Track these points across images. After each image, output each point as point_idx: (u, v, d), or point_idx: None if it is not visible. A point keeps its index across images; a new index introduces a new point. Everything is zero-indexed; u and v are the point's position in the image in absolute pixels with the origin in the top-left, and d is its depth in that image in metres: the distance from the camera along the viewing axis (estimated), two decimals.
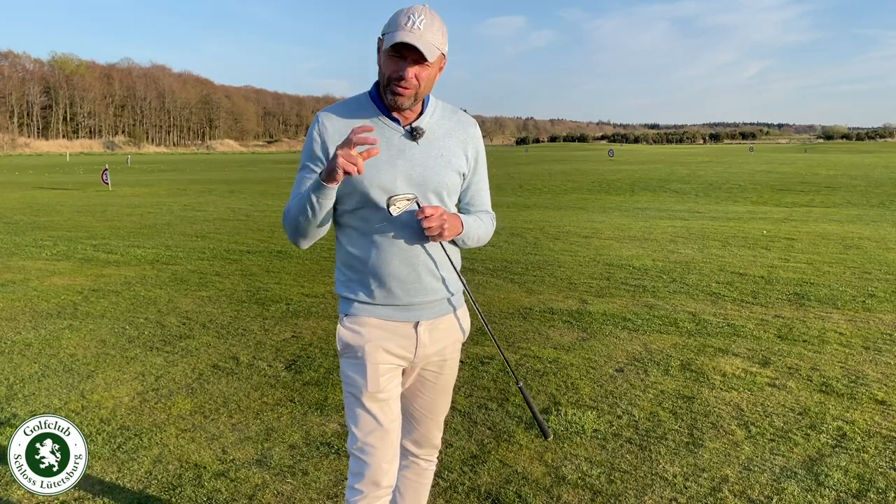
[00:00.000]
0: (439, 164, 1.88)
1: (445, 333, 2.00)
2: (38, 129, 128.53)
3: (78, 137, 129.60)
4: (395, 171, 1.82)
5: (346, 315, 1.94)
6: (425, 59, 1.72)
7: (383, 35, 1.78)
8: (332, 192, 1.74)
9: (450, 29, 1.85)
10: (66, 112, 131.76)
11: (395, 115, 1.85)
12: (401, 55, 1.74)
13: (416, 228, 1.83)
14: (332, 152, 1.82)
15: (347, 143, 1.65)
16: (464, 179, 1.96)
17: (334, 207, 1.87)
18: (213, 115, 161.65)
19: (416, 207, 1.80)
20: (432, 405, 2.09)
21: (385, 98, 1.83)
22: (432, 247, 1.89)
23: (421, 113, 1.88)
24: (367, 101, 1.89)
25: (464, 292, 2.07)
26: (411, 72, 1.74)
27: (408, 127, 1.86)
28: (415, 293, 1.89)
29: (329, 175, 1.69)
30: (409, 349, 1.94)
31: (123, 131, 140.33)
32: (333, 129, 1.85)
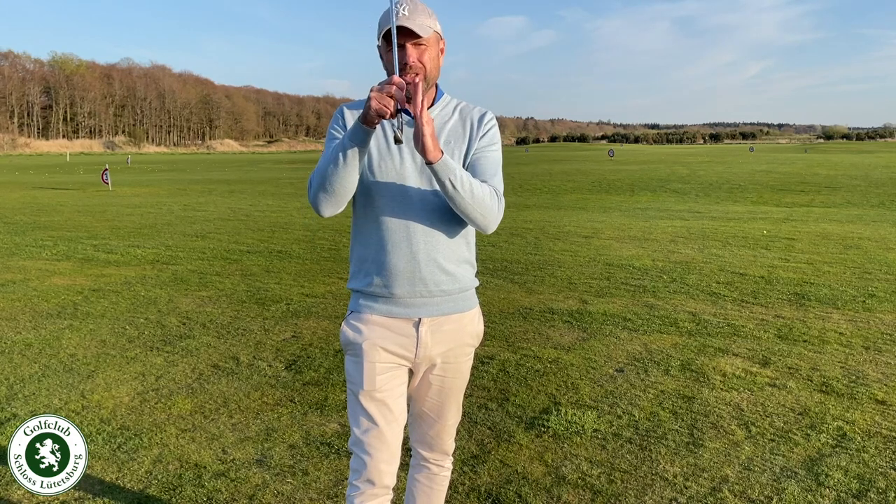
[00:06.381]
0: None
1: (451, 335, 1.97)
2: (38, 129, 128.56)
3: (78, 137, 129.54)
4: (401, 155, 1.89)
5: (352, 312, 1.97)
6: (419, 36, 1.79)
7: (378, 38, 1.85)
8: (365, 135, 1.72)
9: (450, 29, 1.89)
10: (66, 112, 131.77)
11: (408, 108, 1.86)
12: (397, 44, 1.79)
13: (420, 219, 1.86)
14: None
15: (382, 89, 1.65)
16: (465, 159, 1.91)
17: (353, 198, 1.90)
18: (214, 115, 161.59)
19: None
20: (439, 409, 2.06)
21: None
22: (437, 239, 1.88)
23: (433, 103, 1.94)
24: None
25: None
26: (413, 55, 1.81)
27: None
28: (413, 286, 1.88)
29: (364, 118, 1.70)
30: (409, 348, 1.93)
31: (123, 131, 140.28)
32: (352, 120, 1.92)
